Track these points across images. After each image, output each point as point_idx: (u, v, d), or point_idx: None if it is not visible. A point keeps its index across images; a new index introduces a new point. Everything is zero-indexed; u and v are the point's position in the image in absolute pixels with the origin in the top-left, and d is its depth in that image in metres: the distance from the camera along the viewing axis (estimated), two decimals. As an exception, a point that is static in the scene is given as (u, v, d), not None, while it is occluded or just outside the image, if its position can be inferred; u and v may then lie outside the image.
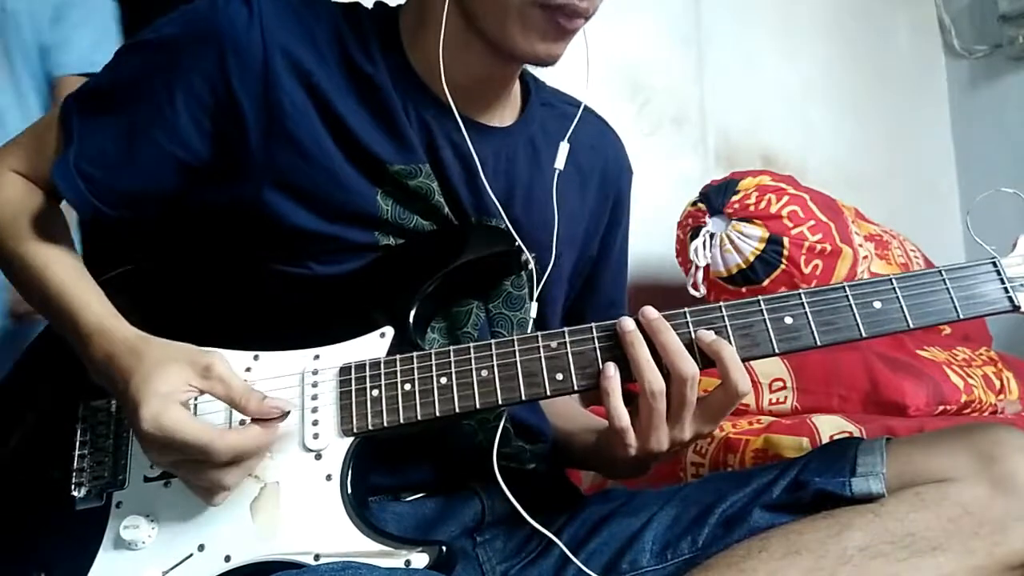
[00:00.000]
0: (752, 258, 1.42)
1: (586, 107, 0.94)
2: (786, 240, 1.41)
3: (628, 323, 0.75)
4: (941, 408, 1.28)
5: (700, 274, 1.47)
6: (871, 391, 1.29)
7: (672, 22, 1.93)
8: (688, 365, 0.72)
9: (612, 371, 0.74)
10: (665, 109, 1.88)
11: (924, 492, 0.73)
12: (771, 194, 1.45)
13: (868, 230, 1.64)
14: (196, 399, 0.74)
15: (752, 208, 1.44)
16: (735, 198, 1.46)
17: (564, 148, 0.89)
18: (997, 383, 1.41)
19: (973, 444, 0.75)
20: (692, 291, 1.49)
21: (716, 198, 1.48)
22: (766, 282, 1.43)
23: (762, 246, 1.42)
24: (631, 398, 0.75)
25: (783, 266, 1.41)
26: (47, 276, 0.79)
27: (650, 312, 0.75)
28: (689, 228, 1.51)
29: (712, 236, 1.46)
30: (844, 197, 1.67)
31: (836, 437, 1.16)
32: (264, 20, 0.79)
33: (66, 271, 0.80)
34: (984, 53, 2.30)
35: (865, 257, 1.53)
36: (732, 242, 1.43)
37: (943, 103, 2.40)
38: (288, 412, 0.74)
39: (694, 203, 1.53)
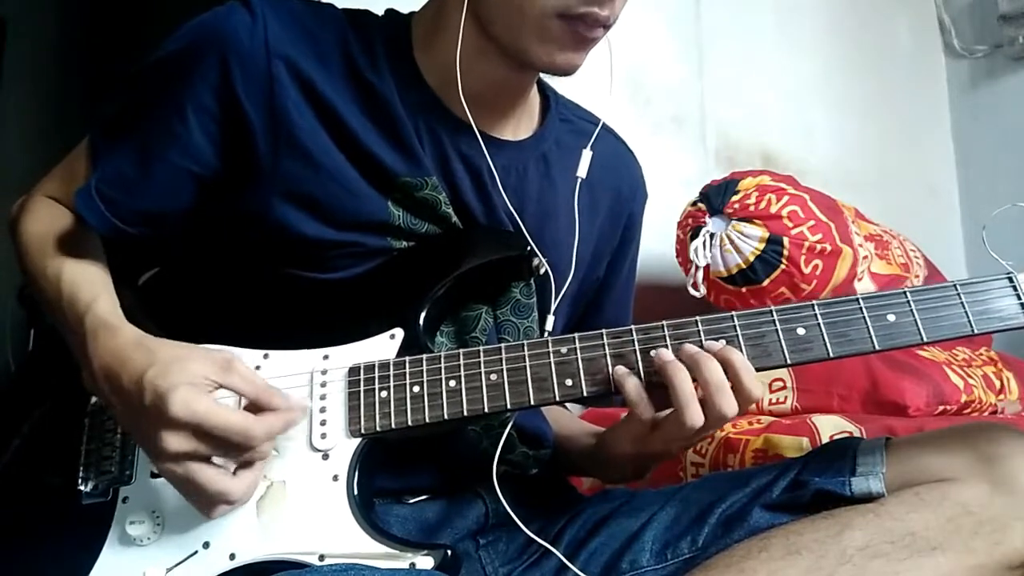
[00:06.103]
0: (752, 258, 1.42)
1: (605, 126, 0.93)
2: (786, 240, 1.41)
3: (667, 353, 0.73)
4: (941, 408, 1.28)
5: (700, 274, 1.46)
6: (871, 391, 1.28)
7: (672, 22, 1.93)
8: (729, 405, 0.72)
9: (625, 370, 0.74)
10: (665, 109, 1.88)
11: (924, 492, 0.73)
12: (771, 194, 1.45)
13: (868, 230, 1.64)
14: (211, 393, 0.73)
15: (752, 208, 1.43)
16: (735, 198, 1.45)
17: (587, 155, 0.89)
18: (997, 383, 1.41)
19: (973, 444, 0.75)
20: (692, 291, 1.48)
21: (716, 198, 1.47)
22: (766, 282, 1.43)
23: (762, 246, 1.41)
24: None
25: (783, 266, 1.41)
26: (61, 282, 0.79)
27: (690, 348, 0.74)
28: (689, 228, 1.50)
29: (712, 236, 1.46)
30: (844, 197, 1.66)
31: (836, 437, 1.15)
32: (268, 29, 0.78)
33: (80, 275, 0.80)
34: (984, 53, 2.31)
35: (865, 257, 1.53)
36: (732, 242, 1.43)
37: (943, 103, 2.40)
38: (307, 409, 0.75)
39: (694, 203, 1.52)
